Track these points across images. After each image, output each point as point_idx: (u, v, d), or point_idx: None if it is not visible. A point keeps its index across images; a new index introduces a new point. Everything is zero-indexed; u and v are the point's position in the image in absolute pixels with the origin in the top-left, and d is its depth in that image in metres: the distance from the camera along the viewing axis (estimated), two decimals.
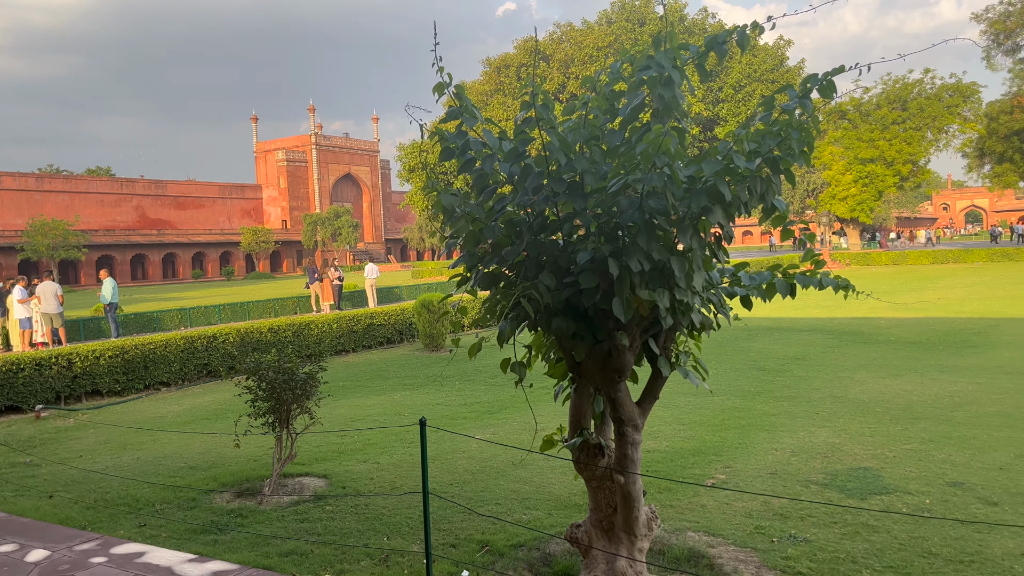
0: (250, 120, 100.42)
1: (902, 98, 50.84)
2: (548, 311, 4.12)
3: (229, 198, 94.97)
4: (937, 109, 49.57)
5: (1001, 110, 51.27)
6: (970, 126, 51.17)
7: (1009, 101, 51.87)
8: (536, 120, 3.90)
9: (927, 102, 49.82)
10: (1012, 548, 5.23)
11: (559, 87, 60.26)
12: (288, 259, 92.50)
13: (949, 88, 50.12)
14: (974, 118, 51.31)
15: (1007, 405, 9.56)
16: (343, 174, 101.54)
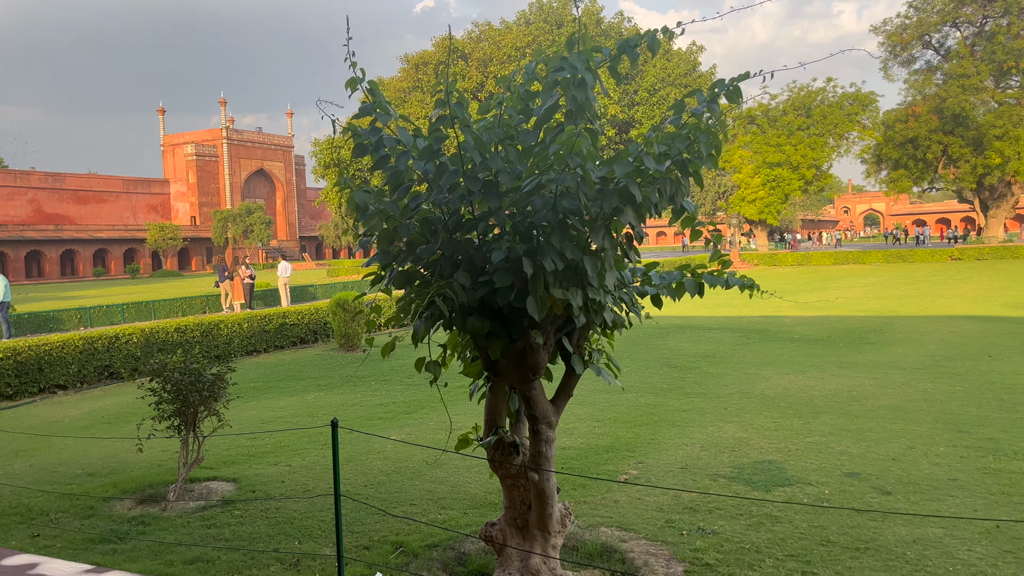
0: (157, 112, 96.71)
1: (806, 105, 53.01)
2: (463, 310, 4.11)
3: (134, 193, 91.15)
4: (838, 116, 51.90)
5: (897, 119, 54.10)
6: (868, 133, 53.79)
7: (904, 110, 54.80)
8: (451, 118, 3.88)
9: (829, 110, 52.10)
10: (904, 535, 5.52)
11: (478, 86, 60.32)
12: (197, 256, 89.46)
13: (849, 97, 52.55)
14: (872, 126, 53.97)
15: (900, 399, 10.08)
16: (256, 169, 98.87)
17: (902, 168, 54.20)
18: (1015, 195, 54.09)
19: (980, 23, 53.67)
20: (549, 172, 3.81)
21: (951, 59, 53.81)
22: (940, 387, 10.69)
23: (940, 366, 12.30)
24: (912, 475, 6.89)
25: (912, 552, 5.21)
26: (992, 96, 52.19)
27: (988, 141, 48.83)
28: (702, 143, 3.94)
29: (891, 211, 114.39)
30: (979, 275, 32.14)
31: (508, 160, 4.05)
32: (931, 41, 56.43)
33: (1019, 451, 7.48)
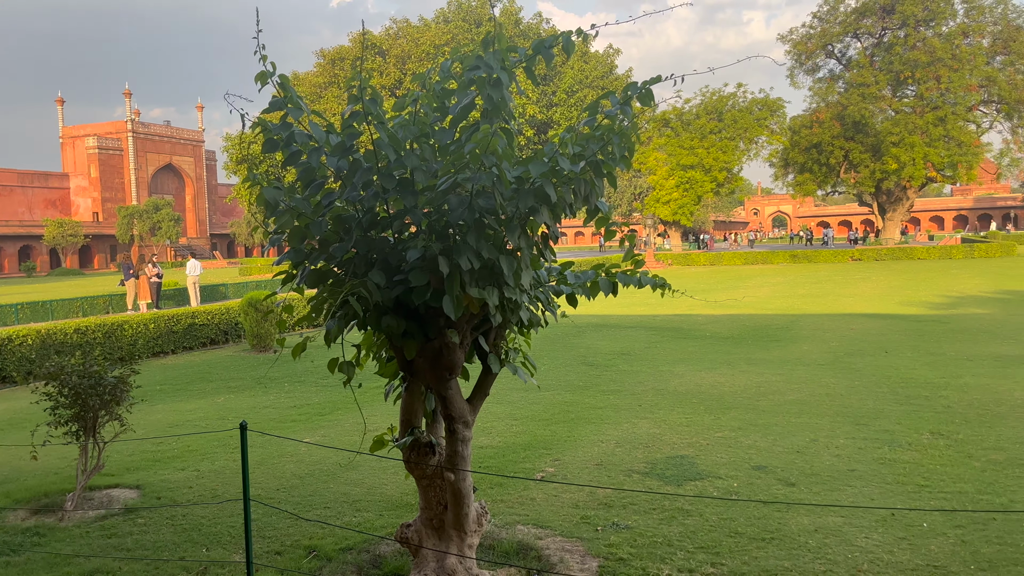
0: (55, 103, 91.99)
1: (718, 110, 54.62)
2: (378, 309, 4.06)
3: (30, 187, 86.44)
4: (748, 121, 53.68)
5: (802, 124, 56.30)
6: (776, 138, 55.83)
7: (809, 116, 57.08)
8: (364, 114, 3.82)
9: (740, 114, 53.83)
10: (807, 525, 5.74)
11: (396, 82, 59.77)
12: (100, 254, 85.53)
13: (759, 102, 54.43)
14: (779, 131, 56.04)
15: (804, 393, 10.49)
16: (164, 164, 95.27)
17: (807, 172, 56.42)
18: (910, 199, 57.04)
19: (879, 35, 56.38)
20: (465, 171, 3.80)
21: (852, 68, 56.34)
22: (841, 382, 11.17)
23: (841, 362, 12.86)
24: (815, 467, 7.18)
25: (814, 541, 5.43)
26: (889, 104, 54.89)
27: (886, 147, 51.34)
28: (615, 145, 4.00)
29: (798, 213, 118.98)
30: (877, 275, 33.79)
31: (423, 158, 4.02)
32: (834, 51, 58.96)
33: (912, 442, 7.89)
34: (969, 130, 52.32)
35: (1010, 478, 6.66)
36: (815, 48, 57.93)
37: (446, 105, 4.22)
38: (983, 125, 54.55)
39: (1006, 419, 8.68)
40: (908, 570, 4.91)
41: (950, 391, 10.25)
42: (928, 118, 50.66)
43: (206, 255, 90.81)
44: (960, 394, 10.04)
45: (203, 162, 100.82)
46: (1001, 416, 8.82)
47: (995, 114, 54.00)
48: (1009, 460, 7.16)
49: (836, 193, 66.78)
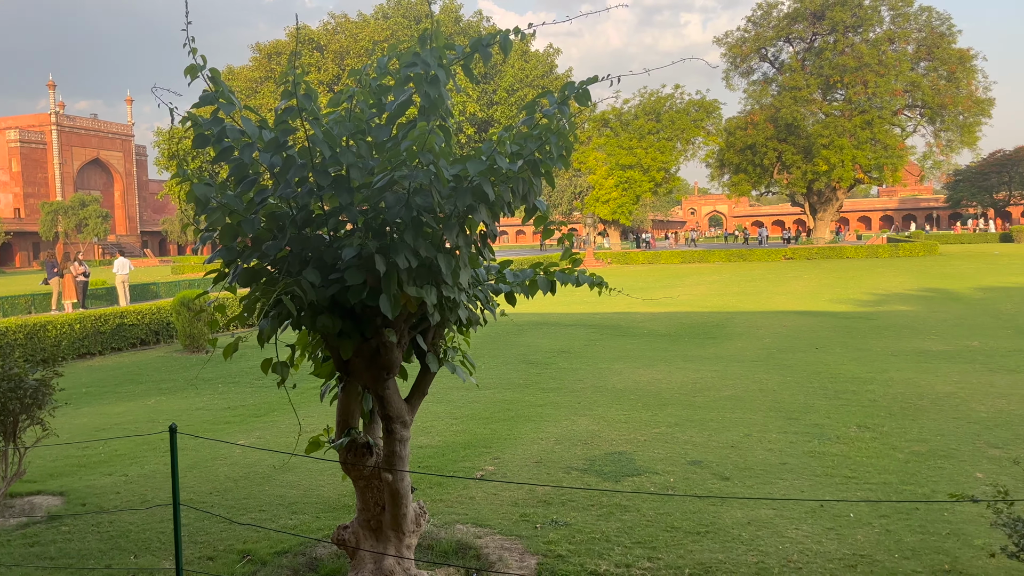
0: None
1: (656, 110, 55.43)
2: (313, 308, 3.99)
3: None
4: (685, 122, 54.61)
5: (737, 126, 57.55)
6: (712, 139, 56.96)
7: (744, 118, 58.39)
8: (298, 110, 3.74)
9: (677, 115, 54.72)
10: (740, 518, 5.87)
11: (334, 78, 58.98)
12: (22, 252, 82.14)
13: (695, 104, 55.42)
14: (715, 132, 57.17)
15: (739, 389, 10.73)
16: (91, 159, 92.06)
17: (742, 173, 57.71)
18: (839, 199, 58.87)
19: (810, 40, 58.00)
20: (402, 168, 3.76)
21: (784, 72, 57.85)
22: (773, 378, 11.46)
23: (774, 358, 13.19)
24: (748, 461, 7.34)
25: (747, 533, 5.55)
26: (820, 108, 56.53)
27: (816, 149, 52.85)
28: (553, 144, 4.02)
29: (733, 213, 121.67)
30: (808, 273, 34.77)
31: (360, 155, 3.96)
32: (767, 54, 60.44)
33: (841, 435, 8.14)
34: (894, 133, 54.28)
35: (932, 469, 6.92)
36: (749, 51, 59.31)
37: (383, 102, 4.16)
38: (907, 129, 56.65)
39: (928, 412, 9.03)
40: (835, 559, 5.06)
41: (876, 385, 10.60)
42: (856, 121, 52.37)
43: (137, 253, 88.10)
44: (885, 388, 10.40)
45: (133, 157, 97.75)
46: (923, 409, 9.17)
47: (919, 118, 56.14)
48: (931, 451, 7.45)
49: (770, 193, 68.49)
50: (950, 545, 5.24)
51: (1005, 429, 8.15)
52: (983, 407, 9.15)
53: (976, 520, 5.56)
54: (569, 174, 63.85)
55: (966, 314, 18.17)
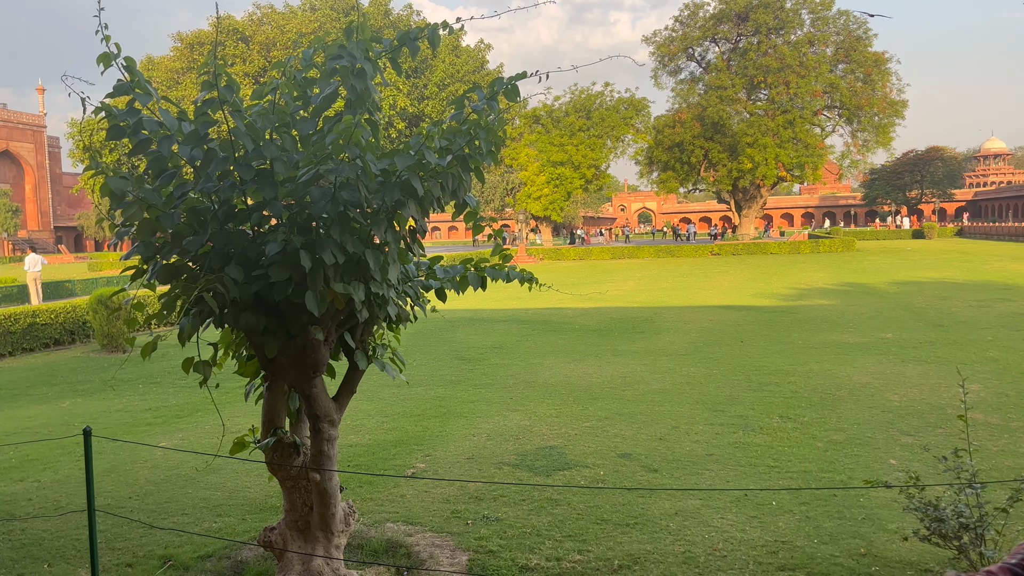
0: None
1: (587, 108, 55.98)
2: (236, 306, 3.88)
3: None
4: (615, 120, 55.33)
5: (665, 124, 58.62)
6: (641, 137, 57.85)
7: (672, 117, 59.50)
8: (219, 101, 3.63)
9: (607, 113, 55.40)
10: (668, 508, 5.98)
11: (260, 70, 57.66)
12: None
13: (625, 102, 56.19)
14: (644, 130, 58.10)
15: (667, 383, 10.93)
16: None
17: (670, 170, 58.81)
18: (763, 197, 60.57)
19: (735, 40, 59.46)
20: (327, 162, 3.69)
21: (711, 72, 59.17)
22: (700, 371, 11.72)
23: (700, 352, 13.49)
24: (676, 452, 7.49)
25: (674, 523, 5.66)
26: (744, 107, 58.03)
27: (741, 148, 54.27)
28: (482, 139, 4.00)
29: (662, 209, 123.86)
30: (734, 269, 35.68)
31: (284, 148, 3.87)
32: (694, 54, 61.70)
33: (764, 426, 8.37)
34: (815, 133, 56.14)
35: (848, 456, 7.19)
36: (677, 51, 60.44)
37: (308, 95, 4.08)
38: (827, 129, 58.64)
39: (845, 402, 9.37)
40: (758, 546, 5.20)
41: (797, 377, 10.95)
42: (779, 121, 53.96)
43: (50, 249, 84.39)
44: (806, 380, 10.75)
45: (45, 149, 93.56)
46: (841, 399, 9.52)
47: (837, 119, 58.18)
48: (848, 440, 7.73)
49: (697, 190, 69.98)
50: (866, 530, 5.44)
51: (916, 417, 8.52)
52: (896, 396, 9.55)
53: (890, 505, 5.80)
54: (501, 170, 64.03)
55: (881, 307, 18.93)
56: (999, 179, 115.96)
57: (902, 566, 4.83)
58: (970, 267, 30.86)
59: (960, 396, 4.62)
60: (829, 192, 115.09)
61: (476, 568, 4.98)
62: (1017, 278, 25.28)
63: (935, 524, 4.28)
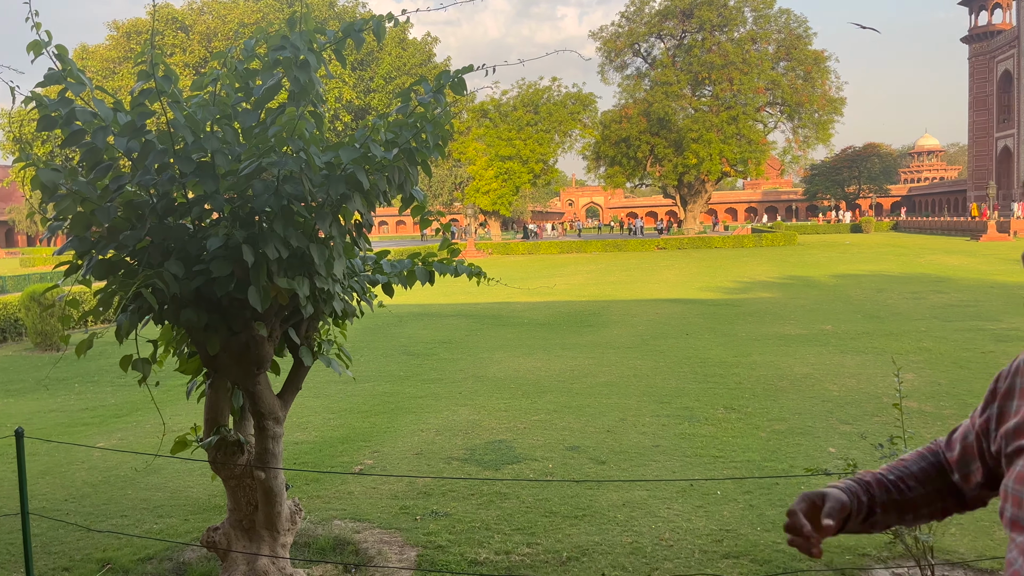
0: None
1: (534, 102, 56.14)
2: (176, 302, 3.78)
3: None
4: (562, 115, 55.61)
5: (612, 119, 59.10)
6: (588, 132, 58.26)
7: (619, 112, 60.01)
8: (157, 92, 3.53)
9: (555, 108, 55.64)
10: (615, 500, 6.04)
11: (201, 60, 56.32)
12: None
13: (572, 97, 56.51)
14: (592, 125, 58.53)
15: (614, 375, 11.05)
16: None
17: (617, 165, 59.35)
18: (708, 192, 61.57)
19: (680, 37, 60.23)
20: (270, 155, 3.62)
21: (657, 67, 59.82)
22: (647, 363, 11.86)
23: (647, 344, 13.66)
24: (623, 444, 7.57)
25: (622, 514, 5.72)
26: (689, 103, 58.86)
27: (686, 143, 55.05)
28: (429, 133, 3.97)
29: (609, 204, 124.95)
30: (680, 263, 36.21)
31: (225, 141, 3.78)
32: (640, 50, 62.29)
33: (709, 417, 8.52)
34: (757, 129, 57.27)
35: (790, 445, 7.36)
36: (623, 46, 60.95)
37: (250, 86, 4.00)
38: (769, 125, 59.87)
39: (787, 392, 9.60)
40: (704, 535, 5.30)
41: (741, 368, 11.17)
42: (723, 117, 54.87)
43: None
44: (749, 371, 10.97)
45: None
46: (783, 390, 9.74)
47: (779, 115, 59.44)
48: (789, 429, 7.92)
49: (643, 185, 70.77)
50: None
51: (854, 406, 8.77)
52: (835, 386, 9.81)
53: None
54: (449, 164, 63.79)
55: (821, 300, 19.43)
56: (932, 175, 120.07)
57: (841, 550, 4.97)
58: (904, 260, 31.88)
59: (895, 385, 4.77)
60: (771, 187, 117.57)
61: (425, 564, 4.97)
62: (948, 271, 26.21)
63: None
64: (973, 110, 78.68)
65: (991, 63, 76.00)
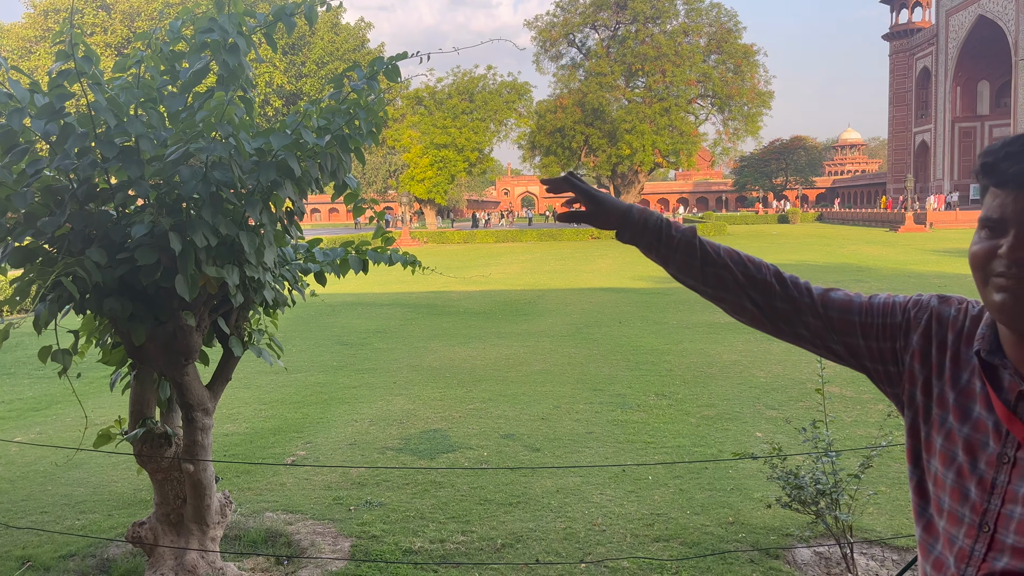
0: None
1: (470, 90, 55.92)
2: (99, 291, 3.66)
3: None
4: (498, 103, 55.55)
5: (548, 109, 59.34)
6: (523, 121, 58.37)
7: (554, 101, 60.29)
8: (77, 73, 3.40)
9: (490, 96, 55.53)
10: (549, 487, 6.11)
11: (123, 41, 54.25)
12: None
13: (508, 86, 56.48)
14: (527, 114, 58.63)
15: (549, 364, 11.14)
16: None
17: (552, 155, 59.65)
18: (641, 182, 62.45)
19: (614, 28, 60.79)
20: (198, 140, 3.52)
21: (591, 58, 60.28)
22: (581, 351, 12.01)
23: (581, 333, 13.82)
24: (557, 432, 7.66)
25: (556, 501, 5.80)
26: (623, 94, 59.52)
27: (620, 134, 55.68)
28: (362, 119, 3.93)
29: (544, 194, 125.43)
30: (613, 252, 36.65)
31: (150, 125, 3.67)
32: (575, 40, 62.65)
33: (641, 404, 8.68)
34: (689, 121, 58.31)
35: (719, 431, 7.57)
36: (558, 36, 61.19)
37: (176, 69, 3.88)
38: (700, 117, 61.02)
39: (716, 379, 9.85)
40: (635, 519, 5.41)
41: (672, 356, 11.41)
42: (656, 108, 55.67)
43: None
44: (680, 358, 11.21)
45: None
46: (712, 376, 9.99)
47: (710, 107, 60.63)
48: (718, 415, 8.13)
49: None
50: (734, 499, 5.76)
51: (780, 392, 9.05)
52: (762, 373, 10.11)
53: (756, 475, 6.15)
54: (383, 152, 63.08)
55: None
56: (855, 168, 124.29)
57: (766, 531, 5.14)
58: (828, 250, 32.98)
59: (818, 371, 4.94)
60: (703, 178, 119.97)
61: (359, 554, 4.94)
62: (869, 260, 27.23)
63: (795, 491, 4.57)
64: (893, 106, 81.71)
65: (911, 60, 79.02)
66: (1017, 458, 1.26)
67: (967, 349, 1.39)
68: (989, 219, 1.26)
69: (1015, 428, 1.27)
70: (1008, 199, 1.22)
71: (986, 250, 1.26)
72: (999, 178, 1.23)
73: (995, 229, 1.25)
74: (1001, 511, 1.26)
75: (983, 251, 1.26)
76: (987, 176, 1.26)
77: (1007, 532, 1.25)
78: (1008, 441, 1.28)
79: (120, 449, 4.82)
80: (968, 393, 1.36)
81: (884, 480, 5.92)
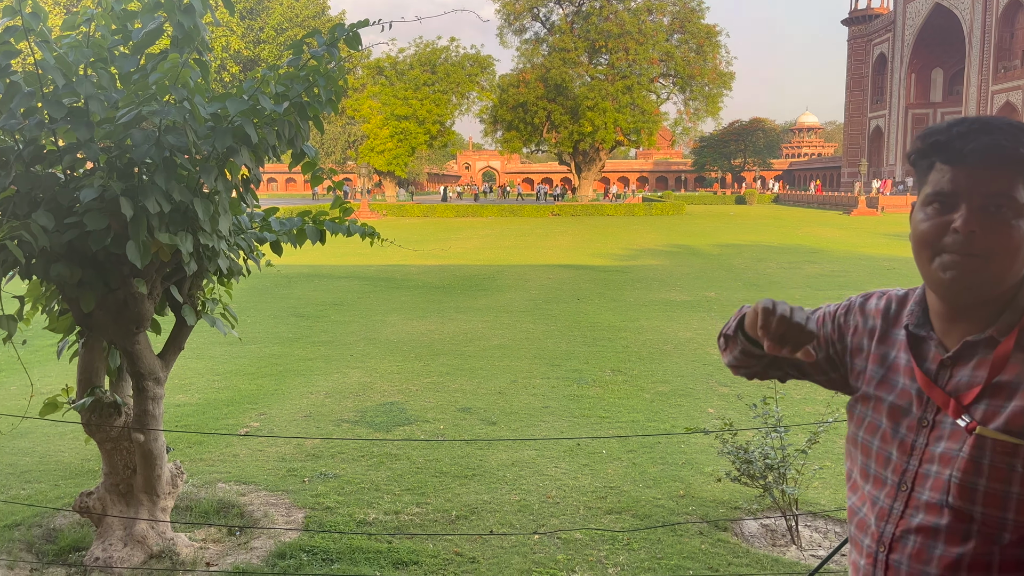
0: None
1: (432, 62, 55.31)
2: (46, 255, 3.56)
3: None
4: (460, 76, 55.06)
5: (510, 83, 59.00)
6: (486, 95, 57.97)
7: (516, 76, 59.95)
8: (23, 30, 3.28)
9: (452, 68, 55.00)
10: (504, 460, 6.16)
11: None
12: None
13: (470, 58, 55.99)
14: (489, 88, 58.24)
15: (507, 339, 11.18)
16: None
17: (514, 130, 59.44)
18: (602, 160, 62.64)
19: (579, 3, 60.54)
20: (151, 103, 3.43)
21: (555, 33, 60.00)
22: (539, 327, 12.06)
23: (540, 308, 13.88)
24: (514, 406, 7.71)
25: (511, 473, 5.85)
26: (586, 71, 59.45)
27: (582, 111, 55.67)
28: (322, 87, 3.87)
29: (505, 169, 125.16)
30: (573, 229, 36.80)
31: (101, 86, 3.57)
32: (539, 14, 62.26)
33: (597, 379, 8.77)
34: (651, 100, 58.55)
35: (672, 406, 7.69)
36: (522, 10, 60.73)
37: (128, 29, 3.76)
38: (662, 96, 61.31)
39: (671, 356, 9.99)
40: (589, 492, 5.48)
41: (628, 332, 11.53)
42: (618, 86, 55.75)
43: None
44: (636, 335, 11.34)
45: None
46: (667, 353, 10.13)
47: (672, 87, 60.92)
48: (672, 391, 8.26)
49: (540, 151, 71.20)
50: (685, 473, 5.87)
51: None
52: (715, 350, 10.27)
53: (707, 450, 6.27)
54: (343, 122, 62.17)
55: (705, 268, 20.22)
56: (811, 151, 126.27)
57: (715, 504, 5.26)
58: (783, 232, 33.52)
59: None
60: (663, 157, 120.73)
61: (313, 525, 4.93)
62: (823, 243, 27.77)
63: (744, 466, 4.68)
64: (850, 90, 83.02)
65: (868, 46, 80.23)
66: (935, 421, 1.35)
67: (894, 329, 1.49)
68: (940, 193, 1.29)
69: (934, 394, 1.36)
70: (961, 174, 1.27)
71: (937, 225, 1.30)
72: (953, 155, 1.28)
73: (946, 204, 1.29)
74: (919, 471, 1.35)
75: (934, 227, 1.30)
76: (938, 153, 1.30)
77: (923, 490, 1.34)
78: (928, 406, 1.37)
79: (67, 418, 4.72)
80: (894, 367, 1.46)
81: (830, 455, 6.09)
